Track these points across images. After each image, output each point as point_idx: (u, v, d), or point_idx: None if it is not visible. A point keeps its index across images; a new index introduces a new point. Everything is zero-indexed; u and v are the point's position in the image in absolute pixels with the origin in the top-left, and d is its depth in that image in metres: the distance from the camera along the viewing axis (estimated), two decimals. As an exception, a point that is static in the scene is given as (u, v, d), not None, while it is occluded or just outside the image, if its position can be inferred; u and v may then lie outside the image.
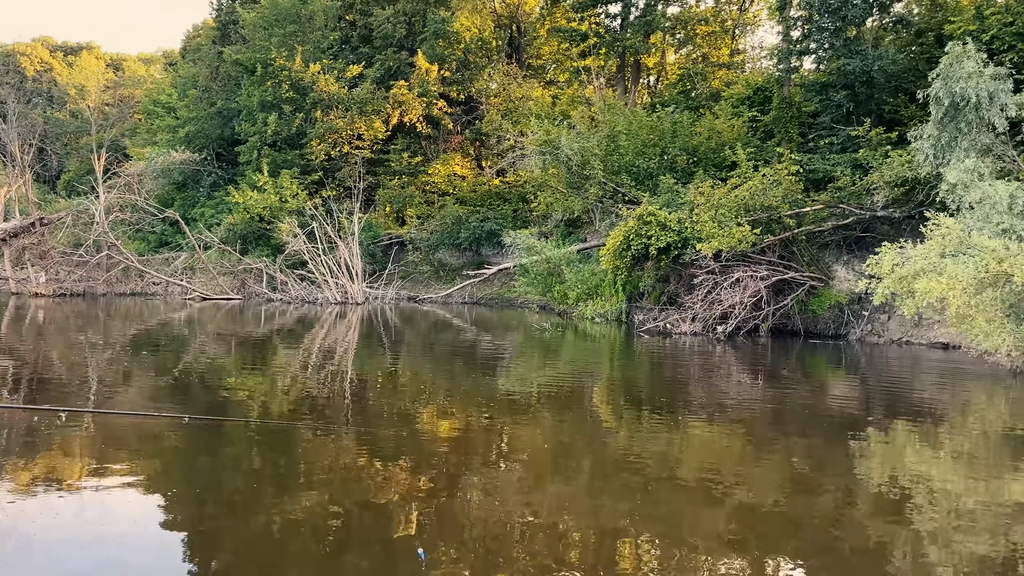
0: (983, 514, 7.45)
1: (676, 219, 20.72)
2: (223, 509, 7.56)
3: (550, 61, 45.19)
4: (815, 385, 15.32)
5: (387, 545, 6.67)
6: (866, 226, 22.40)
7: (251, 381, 14.42)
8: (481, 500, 7.83)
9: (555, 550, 6.63)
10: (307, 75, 38.29)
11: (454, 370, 16.72)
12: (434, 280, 37.10)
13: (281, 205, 35.95)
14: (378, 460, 8.99)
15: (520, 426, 11.08)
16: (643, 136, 26.35)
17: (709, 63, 38.58)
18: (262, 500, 7.69)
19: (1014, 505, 7.75)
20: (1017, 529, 7.06)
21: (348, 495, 7.84)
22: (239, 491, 8.03)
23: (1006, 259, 12.79)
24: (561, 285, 26.84)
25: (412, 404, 12.56)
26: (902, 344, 20.89)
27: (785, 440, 10.51)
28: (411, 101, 38.41)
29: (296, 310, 29.56)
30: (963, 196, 14.70)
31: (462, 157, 42.25)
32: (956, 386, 14.76)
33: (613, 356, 19.38)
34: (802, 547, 6.82)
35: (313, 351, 18.46)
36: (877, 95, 24.01)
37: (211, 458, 9.21)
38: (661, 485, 8.39)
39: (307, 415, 11.32)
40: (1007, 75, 16.40)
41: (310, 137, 38.41)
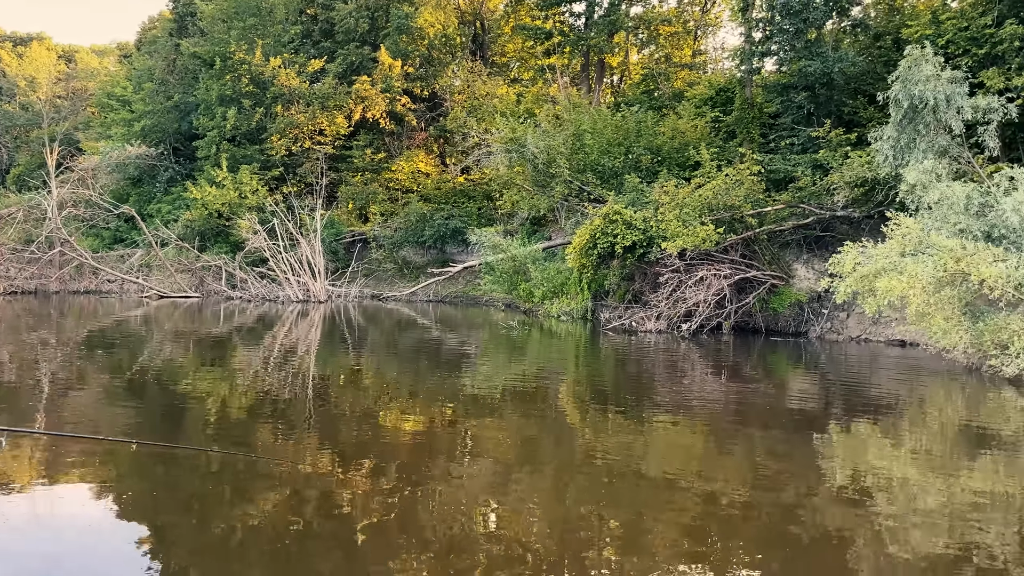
0: (940, 507, 7.58)
1: (642, 218, 20.82)
2: (178, 512, 7.36)
3: (514, 59, 45.15)
4: (777, 382, 15.51)
5: (349, 545, 6.55)
6: (826, 225, 22.76)
7: (208, 381, 14.11)
8: (445, 498, 7.75)
9: (518, 546, 6.60)
10: (267, 69, 37.68)
11: (418, 369, 16.57)
12: (398, 278, 36.81)
13: (241, 201, 35.34)
14: (340, 460, 8.84)
15: (485, 424, 11.01)
16: (608, 135, 26.43)
17: (672, 63, 38.87)
18: (219, 502, 7.52)
19: (970, 498, 7.89)
20: (973, 521, 7.18)
21: (309, 497, 7.70)
22: (195, 494, 7.83)
23: (963, 258, 13.07)
24: (527, 283, 26.82)
25: (375, 403, 12.40)
26: (861, 341, 21.24)
27: (747, 436, 10.61)
28: (374, 97, 38.02)
29: (256, 308, 29.08)
30: (922, 196, 15.00)
31: (426, 154, 41.98)
32: (914, 382, 15.04)
33: (579, 354, 19.40)
34: (762, 540, 6.87)
35: (274, 350, 18.15)
36: (837, 97, 24.40)
37: (168, 458, 8.98)
38: (625, 480, 8.40)
39: (267, 415, 11.09)
40: (963, 78, 16.78)
41: (270, 132, 37.82)
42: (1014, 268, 12.94)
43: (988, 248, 13.33)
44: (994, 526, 7.10)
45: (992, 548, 6.59)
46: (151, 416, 11.19)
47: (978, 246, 13.34)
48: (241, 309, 28.72)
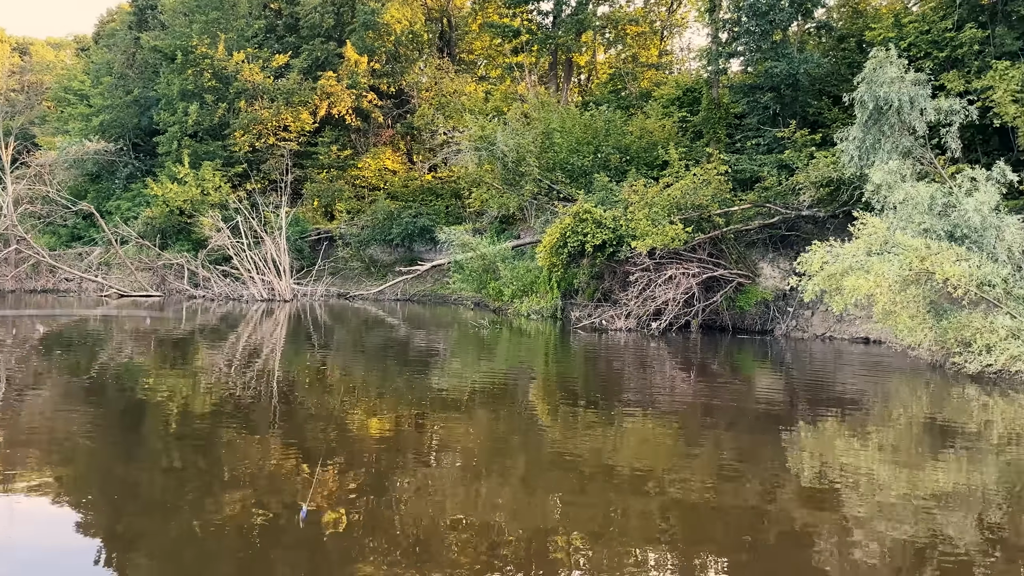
0: (905, 502, 7.66)
1: (611, 217, 20.86)
2: (142, 514, 7.16)
3: (482, 56, 44.99)
4: (744, 380, 15.64)
5: (315, 547, 6.43)
6: (791, 225, 23.01)
7: (169, 382, 13.79)
8: (413, 498, 7.65)
9: (487, 545, 6.54)
10: (230, 64, 37.07)
11: (386, 368, 16.39)
12: (365, 276, 36.47)
13: (203, 198, 34.71)
14: (305, 461, 8.68)
15: (454, 424, 10.90)
16: (577, 134, 26.45)
17: (639, 63, 39.05)
18: (183, 504, 7.33)
19: (935, 492, 8.00)
20: (937, 515, 7.27)
21: (274, 497, 7.54)
22: (159, 495, 7.63)
23: (927, 257, 13.28)
24: (496, 282, 26.73)
25: (341, 404, 12.22)
26: (825, 339, 21.53)
27: (715, 433, 10.67)
28: (340, 93, 37.61)
29: (220, 307, 28.58)
30: (887, 197, 15.22)
31: (393, 151, 41.64)
32: (879, 379, 15.26)
33: (548, 353, 19.37)
34: (729, 536, 6.89)
35: (238, 350, 17.81)
36: (802, 97, 24.70)
37: (129, 460, 8.74)
38: (594, 478, 8.38)
39: (230, 417, 10.86)
40: (926, 81, 17.07)
41: (234, 128, 37.21)
42: (976, 267, 13.19)
43: (951, 247, 13.58)
44: (957, 519, 7.19)
45: (955, 540, 6.67)
46: (110, 418, 10.89)
47: (942, 245, 13.58)
48: (204, 308, 28.20)
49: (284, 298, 30.83)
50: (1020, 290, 13.76)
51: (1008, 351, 12.80)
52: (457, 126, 31.58)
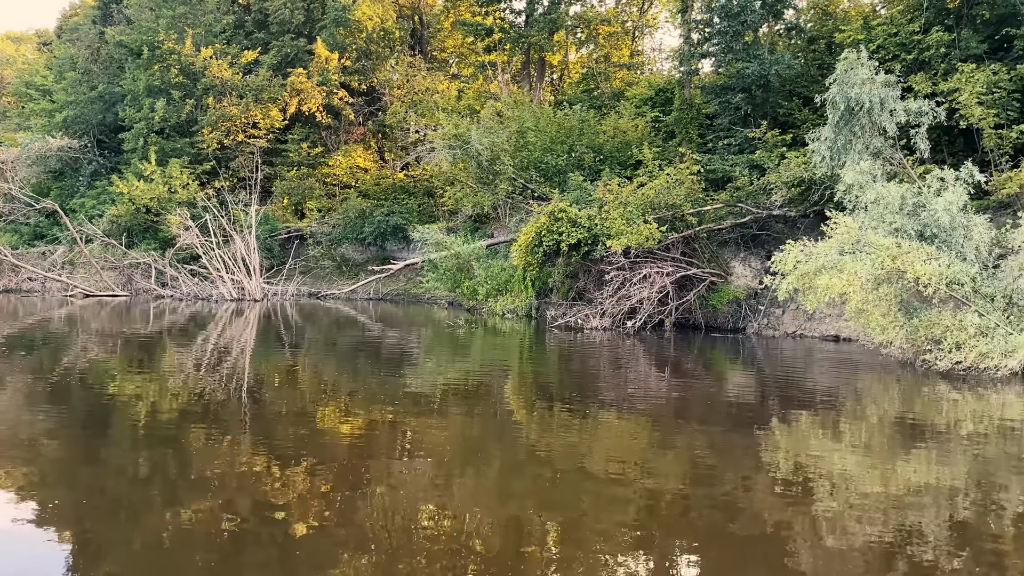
0: (877, 498, 7.74)
1: (586, 216, 20.89)
2: (107, 519, 7.01)
3: (454, 55, 44.83)
4: (719, 378, 15.78)
5: (286, 549, 6.33)
6: (762, 224, 23.22)
7: (136, 383, 13.53)
8: (384, 498, 7.56)
9: (459, 545, 6.50)
10: (198, 59, 36.50)
11: (359, 368, 16.25)
12: (336, 275, 36.14)
13: (170, 196, 34.13)
14: (276, 462, 8.55)
15: (427, 423, 10.82)
16: (551, 133, 26.45)
17: (611, 63, 39.18)
18: (151, 507, 7.20)
19: (906, 487, 8.09)
20: (909, 510, 7.36)
21: (244, 499, 7.42)
22: (125, 499, 7.47)
23: (898, 256, 13.47)
24: (470, 281, 26.64)
25: (312, 404, 12.09)
26: (796, 337, 21.76)
27: (689, 431, 10.74)
28: (310, 90, 37.21)
29: (189, 307, 28.13)
30: (859, 196, 15.42)
31: (364, 149, 41.31)
32: (850, 377, 15.47)
33: (524, 352, 19.36)
34: (702, 533, 6.94)
35: (207, 351, 17.52)
36: (772, 98, 24.95)
37: (93, 464, 8.56)
38: (568, 477, 8.38)
39: (199, 418, 10.68)
40: (896, 82, 17.32)
41: (201, 124, 36.65)
42: (946, 266, 13.42)
43: (921, 247, 13.80)
44: (928, 513, 7.27)
45: (925, 535, 6.75)
46: (74, 420, 10.64)
47: (912, 245, 13.79)
48: (172, 308, 27.74)
49: (254, 298, 30.44)
50: (987, 288, 14.02)
51: (977, 348, 13.04)
52: (430, 124, 31.41)
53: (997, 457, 9.42)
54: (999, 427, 10.99)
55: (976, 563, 6.22)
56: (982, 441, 10.17)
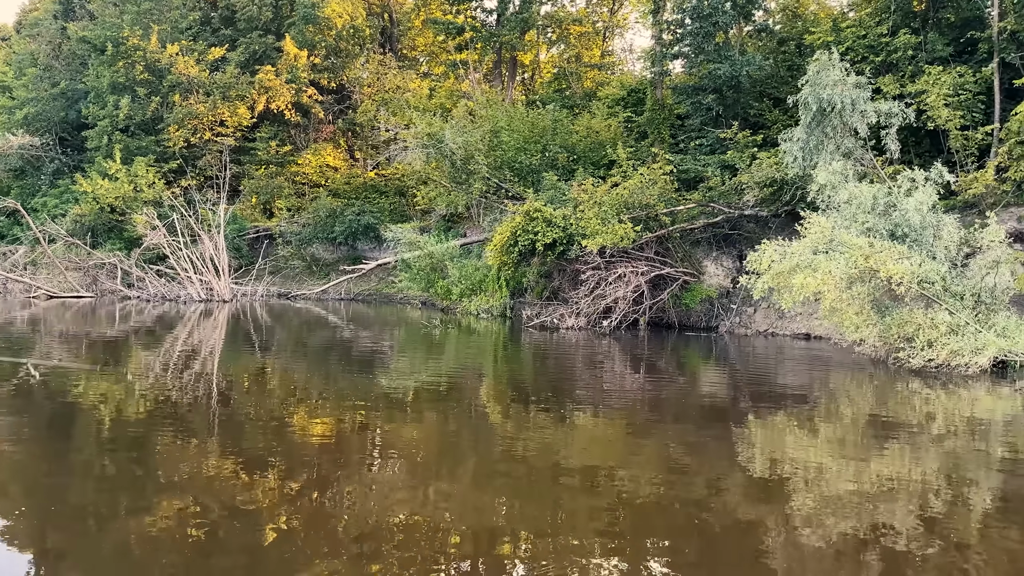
0: (849, 494, 7.81)
1: (561, 216, 20.90)
2: (72, 525, 6.81)
3: (424, 53, 44.62)
4: (693, 376, 15.89)
5: (255, 554, 6.21)
6: (734, 224, 23.44)
7: (102, 386, 13.24)
8: (356, 501, 7.47)
9: (432, 547, 6.43)
10: (164, 56, 35.90)
11: (331, 369, 16.04)
12: (307, 276, 35.78)
13: (136, 195, 33.49)
14: (245, 466, 8.40)
15: (400, 424, 10.70)
16: (524, 132, 26.44)
17: (582, 63, 39.30)
18: (116, 514, 7.02)
19: (878, 483, 8.18)
20: (881, 508, 7.42)
21: (212, 504, 7.27)
22: (89, 504, 7.28)
23: (871, 256, 13.67)
24: (444, 281, 26.51)
25: (282, 406, 11.89)
26: (768, 335, 22.00)
27: (663, 429, 10.78)
28: (278, 87, 36.80)
29: (156, 308, 27.62)
30: (832, 196, 15.62)
31: (334, 148, 40.97)
32: (823, 375, 15.66)
33: (499, 352, 19.31)
34: (676, 530, 6.96)
35: (174, 352, 17.20)
36: (743, 99, 25.19)
37: (57, 469, 8.33)
38: (542, 474, 8.37)
39: (166, 421, 10.48)
40: (866, 84, 17.59)
41: (168, 122, 36.06)
42: (918, 265, 13.64)
43: (893, 246, 14.01)
44: (899, 508, 7.37)
45: (897, 529, 6.83)
46: (36, 424, 10.37)
47: (884, 244, 14.00)
48: (139, 309, 27.21)
49: (223, 298, 29.96)
50: (956, 287, 14.29)
51: (948, 346, 13.27)
52: (402, 123, 31.21)
53: (966, 452, 9.59)
54: (969, 423, 11.21)
55: (944, 555, 6.33)
56: (952, 437, 10.35)
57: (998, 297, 14.63)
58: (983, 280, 14.42)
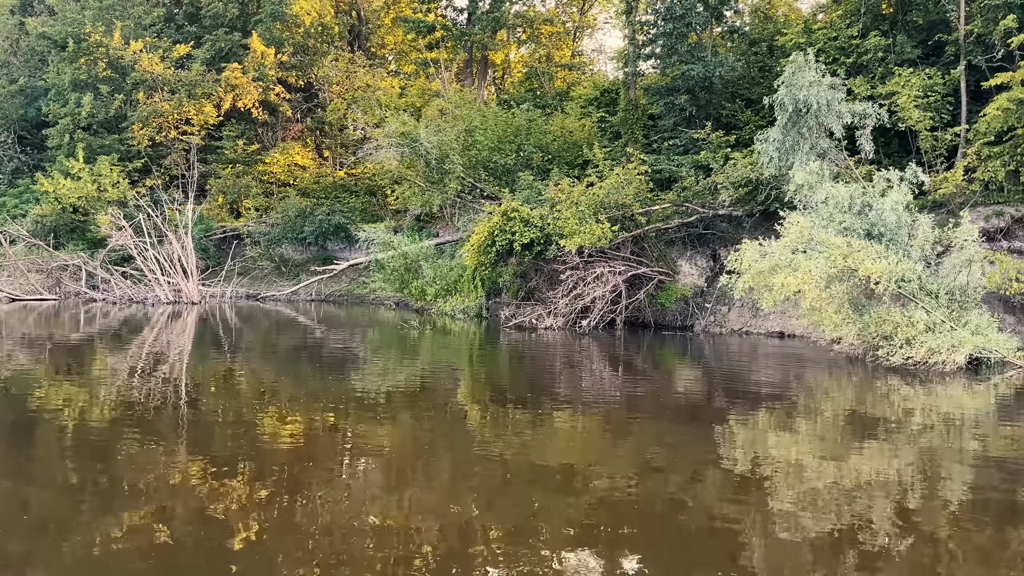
0: (827, 489, 7.91)
1: (539, 215, 20.86)
2: (34, 534, 6.60)
3: (393, 52, 44.27)
4: (672, 374, 16.01)
5: (223, 562, 6.07)
6: (707, 224, 23.60)
7: (66, 390, 12.90)
8: (328, 504, 7.36)
9: (405, 549, 6.37)
10: (127, 53, 35.15)
11: (313, 373, 15.81)
12: (276, 276, 35.26)
13: (99, 195, 32.69)
14: (213, 471, 8.24)
15: (375, 426, 10.59)
16: (498, 132, 26.34)
17: (552, 63, 39.32)
18: (79, 522, 6.83)
19: (855, 481, 8.27)
20: (857, 504, 7.50)
21: (179, 511, 7.12)
22: (52, 513, 7.07)
23: (850, 255, 13.84)
24: (418, 281, 26.30)
25: (253, 409, 11.69)
26: (742, 334, 22.19)
27: (640, 427, 10.84)
28: (245, 85, 36.22)
29: (122, 311, 27.00)
30: (809, 196, 15.80)
31: (303, 147, 40.46)
32: (801, 372, 15.82)
33: (475, 352, 19.22)
34: (652, 529, 6.98)
35: (141, 356, 16.80)
36: (715, 100, 25.38)
37: (18, 476, 8.09)
38: (519, 474, 8.38)
39: (132, 426, 10.23)
40: (841, 85, 17.82)
41: (132, 120, 35.30)
42: (895, 264, 13.85)
43: (871, 245, 14.21)
44: (877, 504, 7.44)
45: (872, 525, 6.91)
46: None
47: (862, 243, 14.19)
48: (105, 312, 26.58)
49: (192, 300, 29.39)
50: (931, 285, 14.53)
51: (927, 344, 13.48)
52: (372, 122, 30.89)
53: (940, 447, 9.76)
54: (944, 419, 11.42)
55: (917, 550, 6.44)
56: (928, 433, 10.50)
57: (970, 295, 14.93)
58: (956, 279, 14.70)
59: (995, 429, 10.79)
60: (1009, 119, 17.62)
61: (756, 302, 22.76)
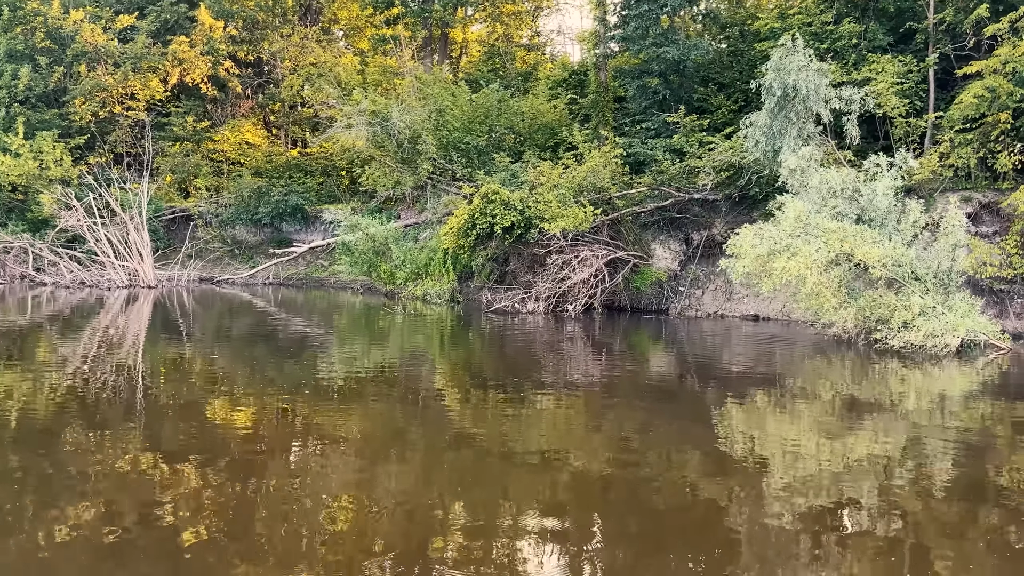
0: (802, 470, 8.01)
1: (519, 198, 20.55)
2: None
3: (349, 27, 43.02)
4: (659, 356, 16.10)
5: (174, 556, 5.76)
6: (681, 208, 23.66)
7: (8, 378, 12.14)
8: (285, 496, 7.07)
9: (366, 539, 6.22)
10: (67, 23, 33.26)
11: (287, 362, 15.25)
12: (229, 259, 34.07)
13: (41, 173, 30.91)
14: (164, 462, 7.85)
15: (344, 413, 10.35)
16: (468, 112, 25.85)
17: (513, 43, 38.83)
18: (22, 516, 6.43)
19: (838, 457, 8.41)
20: (845, 480, 7.61)
21: (128, 504, 6.76)
22: None
23: (846, 239, 14.00)
24: (387, 264, 25.71)
25: (212, 397, 11.17)
26: (717, 317, 22.39)
27: (617, 410, 10.88)
28: (194, 59, 34.70)
29: (73, 295, 25.67)
30: (802, 180, 15.91)
31: (253, 124, 39.07)
32: (793, 356, 15.99)
33: (457, 336, 18.95)
34: (626, 510, 6.97)
35: (92, 342, 15.99)
36: (687, 84, 25.39)
37: None
38: (493, 459, 8.33)
39: (79, 415, 9.75)
40: (828, 70, 17.98)
41: (73, 94, 33.44)
42: (891, 249, 14.07)
43: (866, 230, 14.41)
44: (864, 484, 7.51)
45: (860, 503, 6.99)
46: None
47: (858, 228, 14.37)
48: (54, 296, 25.22)
49: (148, 284, 28.11)
50: (920, 270, 14.83)
51: (923, 329, 13.74)
52: (333, 100, 29.92)
53: (930, 426, 10.01)
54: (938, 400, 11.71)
55: (896, 530, 6.51)
56: (924, 414, 10.74)
57: (953, 279, 15.31)
58: (941, 263, 15.04)
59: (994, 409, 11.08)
60: (981, 107, 18.07)
61: (730, 285, 23.11)
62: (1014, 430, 9.99)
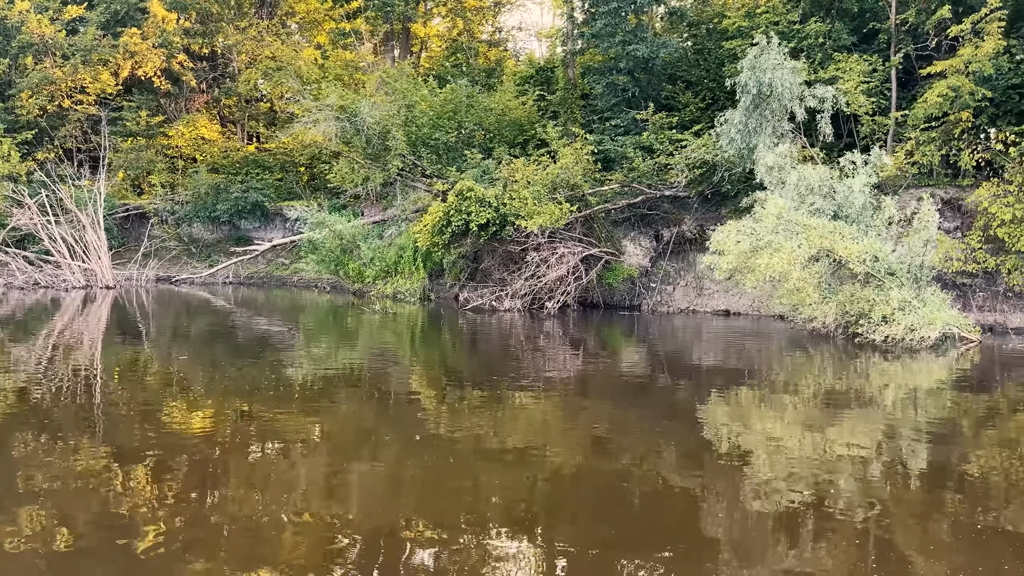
0: (785, 463, 8.14)
1: (493, 195, 20.41)
2: None
3: (307, 20, 42.21)
4: (639, 352, 16.20)
5: (130, 566, 5.59)
6: (651, 204, 23.83)
7: None
8: (245, 501, 6.90)
9: (329, 543, 6.07)
10: (12, 13, 31.92)
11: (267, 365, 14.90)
12: (187, 258, 33.16)
13: (-14, 169, 29.61)
14: (119, 466, 7.62)
15: (310, 412, 10.18)
16: (436, 108, 25.59)
17: (474, 39, 38.57)
18: None
19: (823, 452, 8.54)
20: (820, 473, 7.74)
21: (81, 510, 6.54)
22: None
23: (826, 235, 14.24)
24: (355, 262, 25.31)
25: (169, 400, 10.81)
26: (688, 313, 22.62)
27: (593, 406, 10.96)
28: (146, 52, 33.64)
29: (27, 296, 24.67)
30: (779, 178, 16.13)
31: (209, 119, 38.07)
32: (773, 351, 16.24)
33: (415, 334, 18.84)
34: (600, 506, 6.95)
35: (47, 344, 15.37)
36: (655, 81, 25.55)
37: None
38: (466, 456, 8.29)
39: (28, 419, 9.40)
40: (802, 69, 18.26)
41: (19, 88, 32.12)
42: (870, 244, 14.36)
43: (845, 226, 14.68)
44: (842, 476, 7.63)
45: (836, 496, 7.06)
46: None
47: (836, 224, 14.63)
48: (5, 298, 24.19)
49: (106, 284, 27.16)
50: (896, 265, 15.18)
51: (903, 323, 14.05)
52: (294, 95, 29.32)
53: (904, 417, 10.27)
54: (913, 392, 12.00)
55: (868, 518, 6.59)
56: (899, 406, 10.99)
57: (925, 274, 15.71)
58: (913, 259, 15.41)
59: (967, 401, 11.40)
60: (944, 105, 18.58)
61: (700, 281, 23.39)
62: (995, 420, 10.32)
